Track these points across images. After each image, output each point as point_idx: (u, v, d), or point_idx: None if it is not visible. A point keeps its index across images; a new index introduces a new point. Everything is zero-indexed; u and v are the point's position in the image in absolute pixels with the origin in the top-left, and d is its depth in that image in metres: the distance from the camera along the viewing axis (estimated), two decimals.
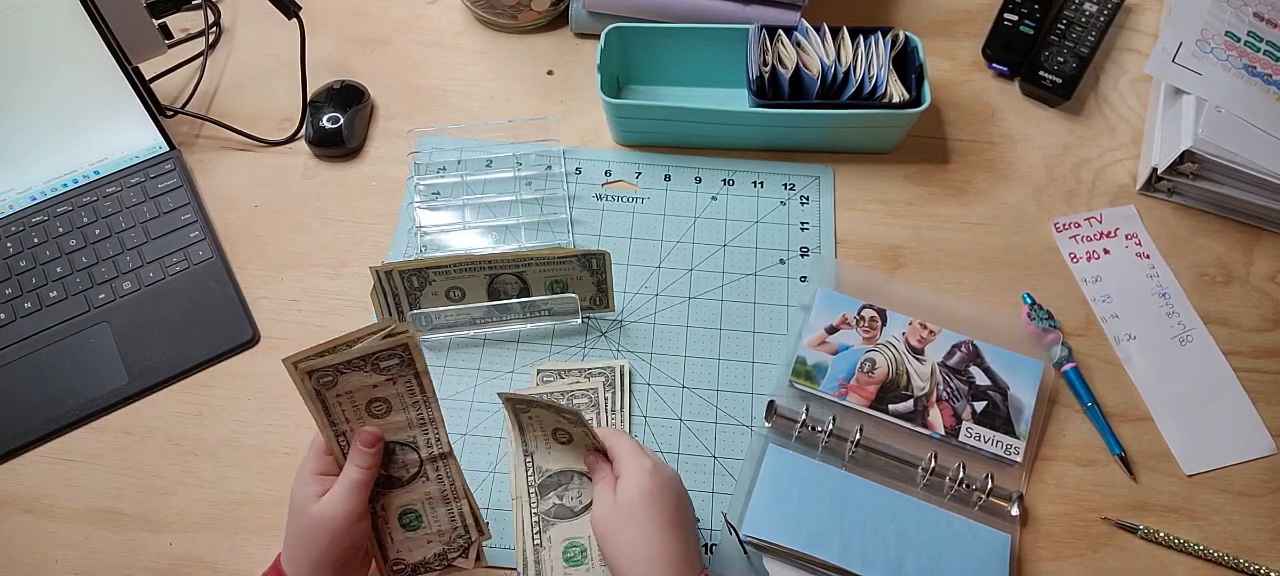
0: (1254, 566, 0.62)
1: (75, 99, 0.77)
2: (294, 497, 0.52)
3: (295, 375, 0.49)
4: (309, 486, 0.52)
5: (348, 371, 0.50)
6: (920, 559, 0.62)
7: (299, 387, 0.49)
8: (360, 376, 0.50)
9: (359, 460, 0.52)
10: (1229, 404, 0.68)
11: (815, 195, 0.79)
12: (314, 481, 0.52)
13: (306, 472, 0.52)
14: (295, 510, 0.52)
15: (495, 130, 0.84)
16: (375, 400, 0.51)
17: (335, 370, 0.50)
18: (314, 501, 0.51)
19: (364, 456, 0.52)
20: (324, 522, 0.50)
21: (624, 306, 0.74)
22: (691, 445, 0.67)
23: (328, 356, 0.49)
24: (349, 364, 0.50)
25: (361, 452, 0.52)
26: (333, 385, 0.50)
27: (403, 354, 0.50)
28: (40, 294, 0.74)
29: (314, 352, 0.49)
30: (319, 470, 0.52)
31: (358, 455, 0.52)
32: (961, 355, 0.70)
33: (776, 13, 0.82)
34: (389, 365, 0.50)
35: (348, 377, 0.50)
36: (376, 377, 0.50)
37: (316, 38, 0.87)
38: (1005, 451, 0.66)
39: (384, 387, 0.51)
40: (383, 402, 0.52)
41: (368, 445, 0.52)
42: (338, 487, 0.51)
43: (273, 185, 0.82)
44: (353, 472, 0.51)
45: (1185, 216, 0.78)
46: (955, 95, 0.86)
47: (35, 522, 0.66)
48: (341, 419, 0.51)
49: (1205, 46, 0.79)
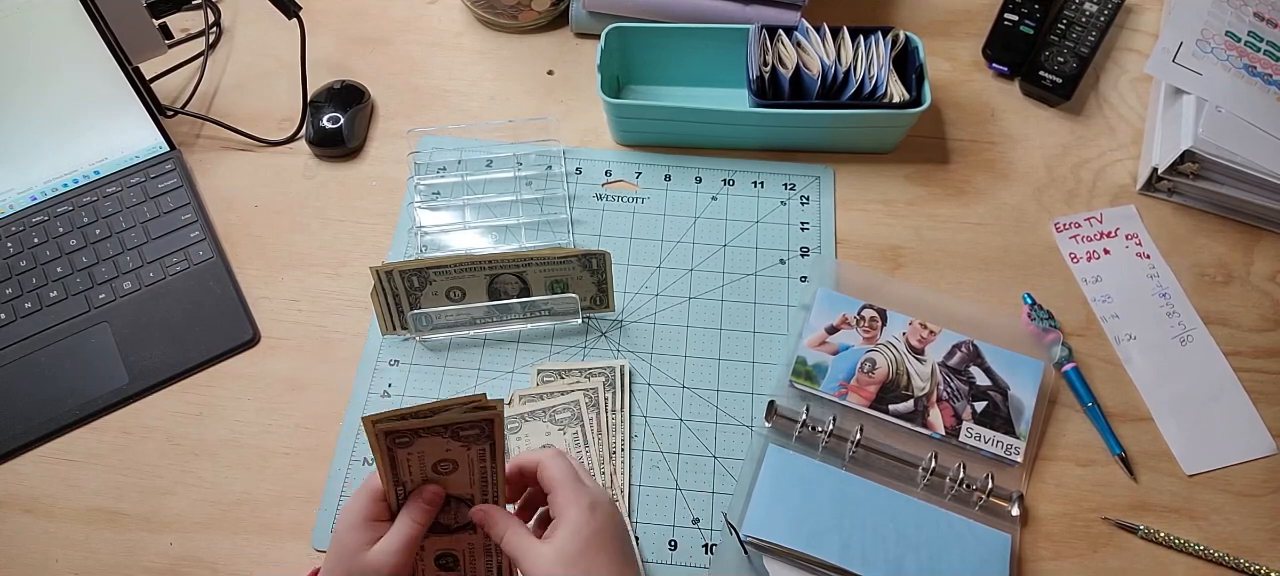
0: (1254, 566, 0.62)
1: (75, 99, 0.77)
2: (341, 541, 0.50)
3: (371, 433, 0.47)
4: (359, 531, 0.49)
5: (426, 436, 0.48)
6: (920, 559, 0.62)
7: (372, 444, 0.48)
8: (437, 441, 0.48)
9: (418, 516, 0.49)
10: (1229, 404, 0.68)
11: (815, 195, 0.79)
12: (365, 527, 0.49)
13: (357, 516, 0.50)
14: (342, 553, 0.49)
15: (495, 130, 0.84)
16: (444, 460, 0.50)
17: (413, 433, 0.48)
18: (364, 549, 0.48)
19: (423, 513, 0.49)
20: (373, 572, 0.48)
21: (624, 306, 0.74)
22: (691, 445, 0.67)
23: (409, 420, 0.47)
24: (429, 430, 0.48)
25: (422, 509, 0.49)
26: (407, 445, 0.48)
27: (485, 426, 0.48)
28: (40, 294, 0.74)
29: (395, 415, 0.47)
30: (371, 515, 0.50)
31: (418, 511, 0.49)
32: (962, 355, 0.70)
33: (776, 13, 0.82)
34: (468, 435, 0.49)
35: (424, 441, 0.48)
36: (452, 443, 0.49)
37: (316, 38, 0.87)
38: (1005, 451, 0.66)
39: (457, 452, 0.49)
40: (451, 463, 0.50)
41: (429, 503, 0.50)
42: (391, 539, 0.49)
43: (273, 185, 0.82)
44: (409, 528, 0.49)
45: (1185, 216, 0.78)
46: (955, 95, 0.86)
47: (35, 522, 0.66)
48: (406, 474, 0.50)
49: (1205, 46, 0.79)
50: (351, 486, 0.66)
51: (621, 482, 0.66)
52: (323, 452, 0.68)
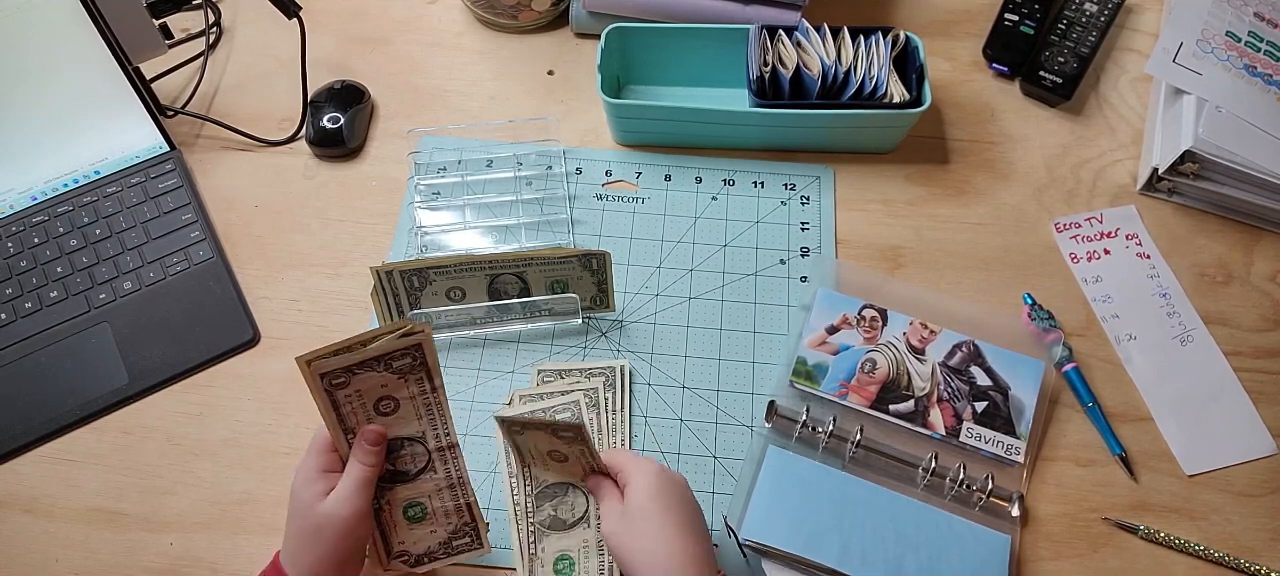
0: (1254, 566, 0.62)
1: (75, 99, 0.77)
2: (297, 495, 0.52)
3: (307, 374, 0.48)
4: (314, 484, 0.51)
5: (360, 371, 0.49)
6: (920, 559, 0.62)
7: (310, 386, 0.49)
8: (372, 376, 0.50)
9: (364, 458, 0.51)
10: (1229, 404, 0.68)
11: (815, 195, 0.79)
12: (319, 479, 0.51)
13: (311, 469, 0.52)
14: (299, 508, 0.51)
15: (495, 130, 0.84)
16: (384, 398, 0.51)
17: (348, 370, 0.49)
18: (320, 499, 0.50)
19: (369, 454, 0.51)
20: (331, 520, 0.50)
21: (624, 306, 0.74)
22: (692, 445, 0.67)
23: (341, 356, 0.49)
24: (362, 364, 0.49)
25: (366, 450, 0.51)
26: (345, 385, 0.50)
27: (416, 353, 0.50)
28: (41, 294, 0.74)
29: (327, 352, 0.48)
30: (323, 467, 0.52)
31: (362, 453, 0.51)
32: (962, 355, 0.70)
33: (777, 13, 0.82)
34: (401, 365, 0.50)
35: (360, 377, 0.50)
36: (388, 377, 0.50)
37: (316, 38, 0.87)
38: (1006, 451, 0.66)
39: (394, 386, 0.51)
40: (391, 400, 0.51)
41: (372, 443, 0.51)
42: (343, 485, 0.51)
43: (273, 185, 0.82)
44: (358, 470, 0.51)
45: (1185, 216, 0.78)
46: (955, 95, 0.86)
47: (35, 522, 0.66)
48: (351, 416, 0.51)
49: (1206, 46, 0.79)
50: None
51: None
52: None
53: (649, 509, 0.52)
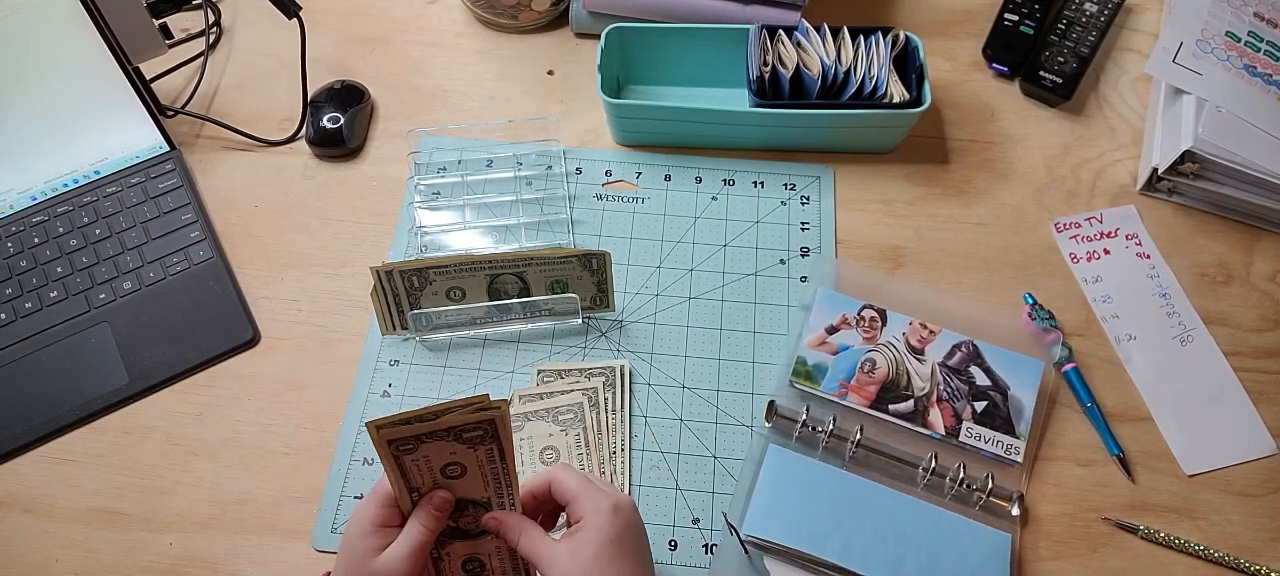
0: (1254, 566, 0.62)
1: (75, 99, 0.77)
2: (350, 545, 0.49)
3: (376, 439, 0.47)
4: (369, 537, 0.48)
5: (429, 440, 0.48)
6: (920, 559, 0.62)
7: (378, 450, 0.47)
8: (442, 444, 0.48)
9: (427, 521, 0.48)
10: (1229, 404, 0.68)
11: (815, 195, 0.79)
12: (375, 533, 0.49)
13: (368, 521, 0.49)
14: (351, 560, 0.49)
15: (495, 130, 0.84)
16: (452, 464, 0.49)
17: (417, 438, 0.47)
18: (374, 554, 0.48)
19: (432, 518, 0.49)
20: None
21: (624, 306, 0.74)
22: (692, 445, 0.67)
23: (413, 425, 0.47)
24: (432, 434, 0.47)
25: (431, 514, 0.48)
26: (412, 451, 0.48)
27: (489, 426, 0.48)
28: (40, 294, 0.74)
29: (398, 419, 0.46)
30: (381, 521, 0.49)
31: (426, 516, 0.49)
32: (962, 355, 0.70)
33: (776, 13, 0.82)
34: (472, 436, 0.48)
35: (428, 445, 0.48)
36: (458, 446, 0.48)
37: (316, 38, 0.87)
38: (1005, 451, 0.66)
39: (463, 454, 0.49)
40: (459, 466, 0.49)
41: (439, 509, 0.49)
42: (400, 545, 0.48)
43: (273, 185, 0.82)
44: (418, 533, 0.48)
45: (1185, 216, 0.78)
46: (955, 95, 0.86)
47: (35, 522, 0.66)
48: (416, 477, 0.49)
49: (1206, 46, 0.79)
50: (351, 486, 0.66)
51: (621, 482, 0.66)
52: (323, 452, 0.68)
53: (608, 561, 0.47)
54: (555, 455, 0.58)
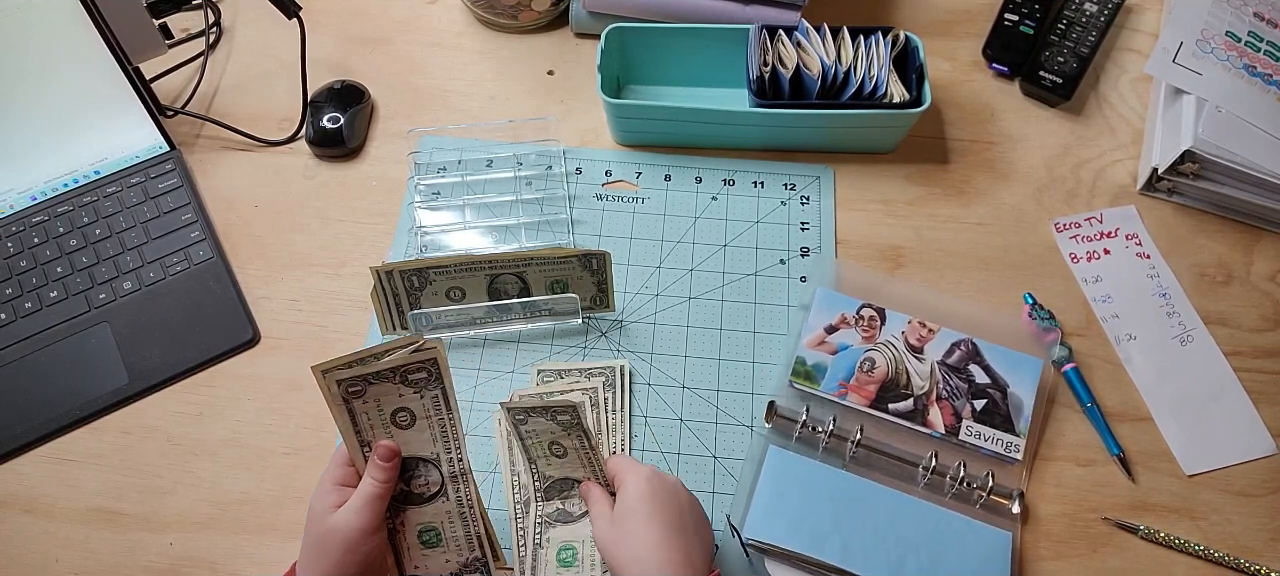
0: (1254, 566, 0.62)
1: (75, 99, 0.77)
2: (312, 506, 0.52)
3: (323, 382, 0.49)
4: (328, 496, 0.51)
5: (376, 382, 0.50)
6: (921, 558, 0.62)
7: (326, 396, 0.50)
8: (388, 387, 0.50)
9: (376, 473, 0.51)
10: (1229, 404, 0.68)
11: (815, 195, 0.79)
12: (334, 491, 0.52)
13: (327, 481, 0.52)
14: (312, 519, 0.52)
15: (495, 130, 0.84)
16: (400, 410, 0.51)
17: (364, 380, 0.50)
18: (331, 512, 0.51)
19: (381, 470, 0.51)
20: (338, 533, 0.50)
21: (624, 306, 0.74)
22: (692, 445, 0.67)
23: (356, 367, 0.49)
24: (378, 375, 0.50)
25: (378, 466, 0.51)
26: (360, 394, 0.50)
27: (432, 368, 0.50)
28: (40, 294, 0.74)
29: (343, 362, 0.49)
30: (340, 480, 0.52)
31: (375, 469, 0.51)
32: (961, 353, 0.70)
33: (776, 13, 0.82)
34: (417, 378, 0.51)
35: (376, 387, 0.50)
36: (404, 389, 0.51)
37: (316, 38, 0.87)
38: (1005, 449, 0.66)
39: (410, 399, 0.51)
40: (407, 413, 0.52)
41: (384, 459, 0.51)
42: (354, 499, 0.51)
43: (273, 185, 0.82)
44: (369, 485, 0.51)
45: (1185, 216, 0.78)
46: (955, 95, 0.86)
47: (35, 522, 0.66)
48: (367, 427, 0.51)
49: (1205, 46, 0.79)
50: None
51: None
52: (323, 452, 0.68)
53: (636, 512, 0.52)
54: (562, 451, 0.59)
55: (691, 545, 0.53)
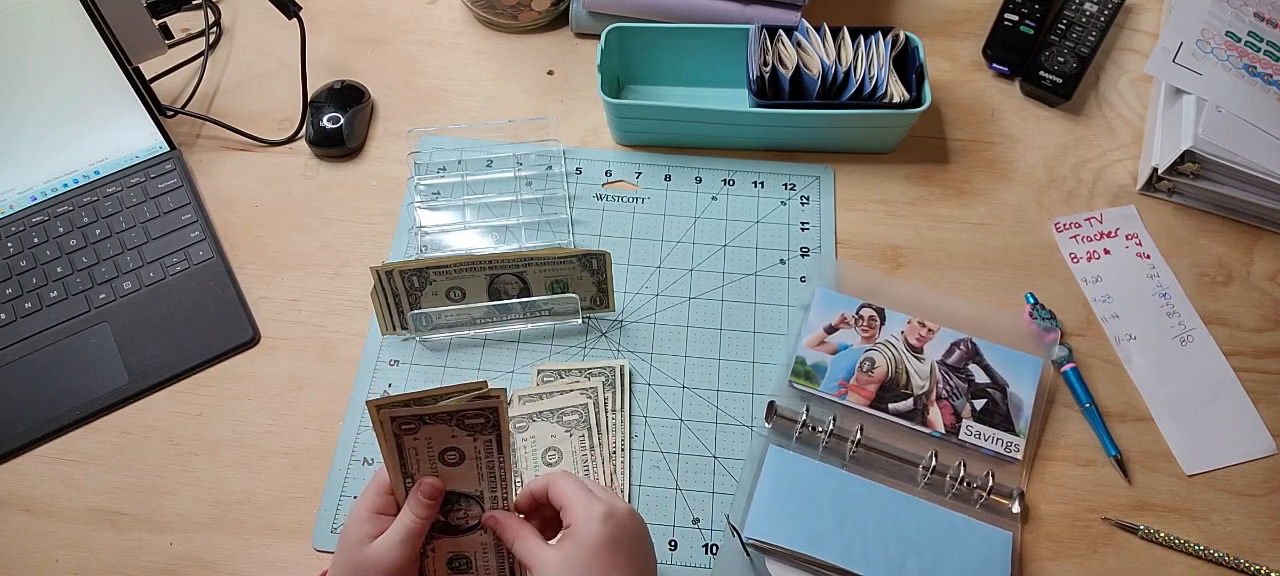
0: (1254, 566, 0.62)
1: (75, 99, 0.77)
2: (347, 532, 0.50)
3: (376, 419, 0.47)
4: (364, 525, 0.49)
5: (431, 423, 0.48)
6: (922, 558, 0.62)
7: (377, 431, 0.48)
8: (443, 428, 0.49)
9: (417, 509, 0.49)
10: (1229, 404, 0.68)
11: (815, 195, 0.79)
12: (371, 520, 0.50)
13: (364, 509, 0.50)
14: (346, 546, 0.50)
15: (495, 130, 0.84)
16: (450, 449, 0.50)
17: (419, 420, 0.48)
18: (367, 542, 0.49)
19: (423, 506, 0.49)
20: (373, 566, 0.48)
21: (624, 306, 0.74)
22: (692, 445, 0.67)
23: (413, 407, 0.47)
24: (434, 416, 0.48)
25: (421, 502, 0.49)
26: (413, 432, 0.49)
27: (490, 415, 0.48)
28: (40, 294, 0.74)
29: (399, 400, 0.47)
30: (376, 508, 0.50)
31: (417, 504, 0.49)
32: (960, 353, 0.70)
33: (776, 13, 0.82)
34: (474, 423, 0.49)
35: (430, 427, 0.48)
36: (458, 432, 0.49)
37: (316, 38, 0.87)
38: (1005, 448, 0.66)
39: (463, 440, 0.49)
40: (457, 452, 0.50)
41: (428, 497, 0.49)
42: (393, 532, 0.49)
43: (273, 185, 0.82)
44: (409, 520, 0.49)
45: (1185, 216, 0.78)
46: (955, 95, 0.86)
47: (35, 522, 0.66)
48: (413, 462, 0.50)
49: (1206, 46, 0.79)
50: (351, 486, 0.66)
51: (622, 483, 0.66)
52: (323, 452, 0.68)
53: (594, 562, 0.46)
54: (557, 456, 0.58)
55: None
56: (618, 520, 0.49)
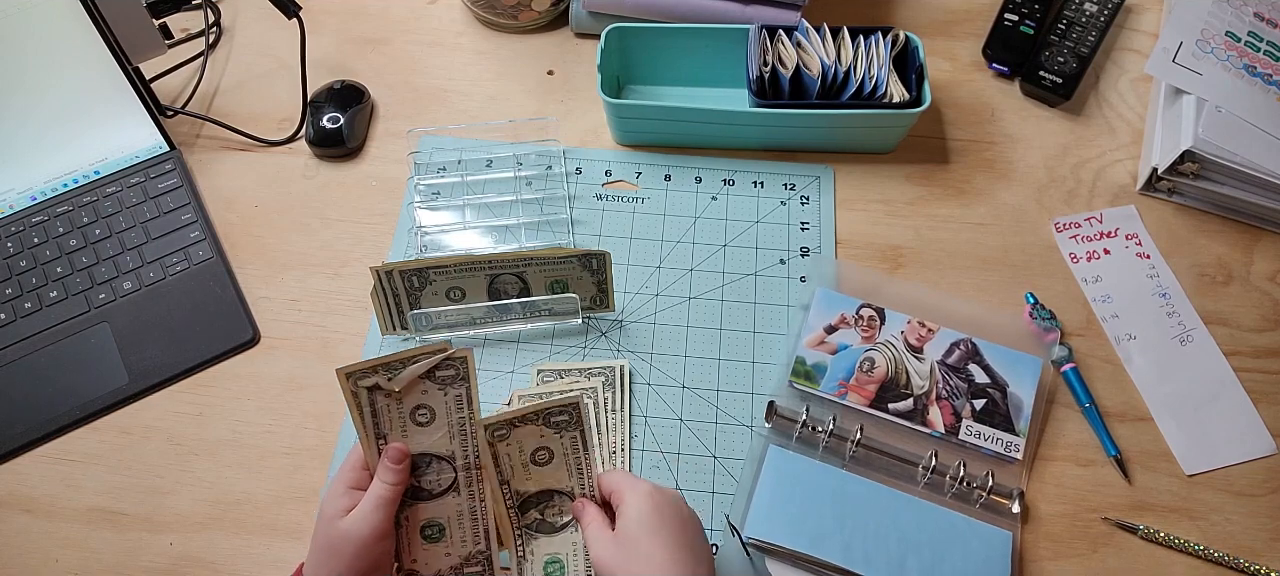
0: (1254, 566, 0.62)
1: (75, 99, 0.77)
2: (323, 508, 0.52)
3: (349, 388, 0.49)
4: (339, 499, 0.51)
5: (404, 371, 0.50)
6: (922, 558, 0.62)
7: (347, 397, 0.50)
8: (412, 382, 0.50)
9: (386, 476, 0.51)
10: (1229, 404, 0.68)
11: (815, 195, 0.79)
12: (345, 495, 0.51)
13: (339, 484, 0.52)
14: (322, 521, 0.51)
15: (495, 130, 0.84)
16: (421, 407, 0.51)
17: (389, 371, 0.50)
18: (341, 515, 0.51)
19: (391, 473, 0.51)
20: (348, 538, 0.50)
21: (624, 306, 0.74)
22: (692, 445, 0.67)
23: (382, 372, 0.49)
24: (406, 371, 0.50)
25: (388, 469, 0.51)
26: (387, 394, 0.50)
27: (460, 366, 0.50)
28: (40, 294, 0.74)
29: (368, 366, 0.49)
30: (352, 483, 0.52)
31: (385, 471, 0.51)
32: (960, 353, 0.70)
33: (776, 13, 0.82)
34: (444, 375, 0.51)
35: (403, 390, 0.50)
36: (428, 385, 0.51)
37: (316, 38, 0.87)
38: (1005, 448, 0.66)
39: (433, 395, 0.51)
40: (427, 410, 0.51)
41: (395, 461, 0.51)
42: (364, 503, 0.51)
43: (273, 185, 0.82)
44: (379, 489, 0.51)
45: (1185, 216, 0.78)
46: (955, 95, 0.86)
47: (35, 522, 0.66)
48: (386, 423, 0.51)
49: (1205, 46, 0.79)
50: None
51: None
52: (323, 452, 0.68)
53: (640, 532, 0.50)
54: (547, 455, 0.57)
55: (699, 561, 0.51)
56: (664, 495, 0.53)
